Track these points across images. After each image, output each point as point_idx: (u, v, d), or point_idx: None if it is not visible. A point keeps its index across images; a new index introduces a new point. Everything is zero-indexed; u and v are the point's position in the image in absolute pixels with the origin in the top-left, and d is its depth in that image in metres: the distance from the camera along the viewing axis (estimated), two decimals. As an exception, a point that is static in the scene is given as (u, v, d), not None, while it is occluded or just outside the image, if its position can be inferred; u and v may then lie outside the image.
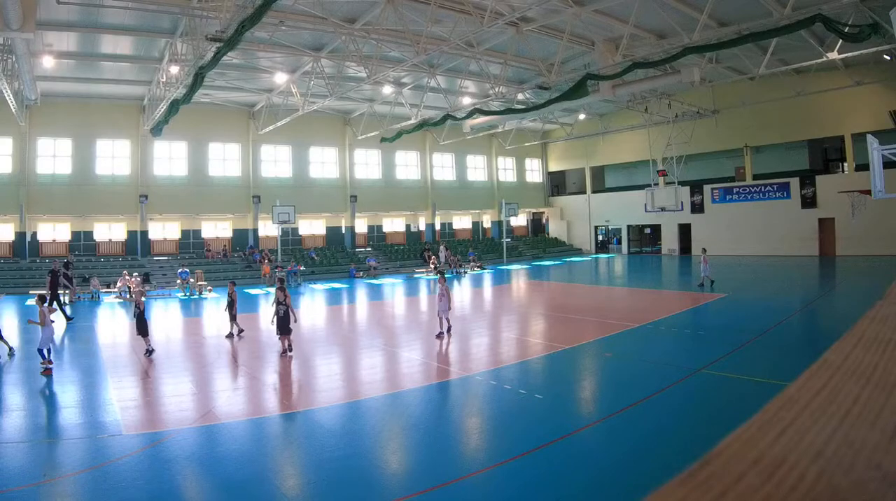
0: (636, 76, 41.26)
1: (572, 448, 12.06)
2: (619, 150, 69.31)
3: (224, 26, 26.49)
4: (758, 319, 25.50)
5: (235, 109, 55.13)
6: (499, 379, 17.31)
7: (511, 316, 30.17)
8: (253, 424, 14.18)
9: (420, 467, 11.55)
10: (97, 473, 11.04)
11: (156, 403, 16.04)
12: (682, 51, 32.39)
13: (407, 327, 28.85)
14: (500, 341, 24.30)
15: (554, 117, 65.26)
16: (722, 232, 59.83)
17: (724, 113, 56.02)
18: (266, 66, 43.30)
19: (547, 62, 41.49)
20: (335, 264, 56.65)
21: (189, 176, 54.25)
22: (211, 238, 56.89)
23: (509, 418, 14.18)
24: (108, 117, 49.83)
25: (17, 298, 38.98)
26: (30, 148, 47.41)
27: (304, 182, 59.84)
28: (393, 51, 38.44)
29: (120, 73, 43.06)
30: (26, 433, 13.41)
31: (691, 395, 15.31)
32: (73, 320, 30.57)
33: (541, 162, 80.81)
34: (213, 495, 10.59)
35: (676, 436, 12.28)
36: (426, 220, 69.32)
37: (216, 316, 31.62)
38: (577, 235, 77.27)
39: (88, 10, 30.86)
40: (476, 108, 47.35)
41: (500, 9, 30.34)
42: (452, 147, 68.61)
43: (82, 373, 19.20)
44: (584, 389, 17.24)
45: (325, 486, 10.57)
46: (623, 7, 32.43)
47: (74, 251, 49.24)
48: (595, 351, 20.57)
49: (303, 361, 20.84)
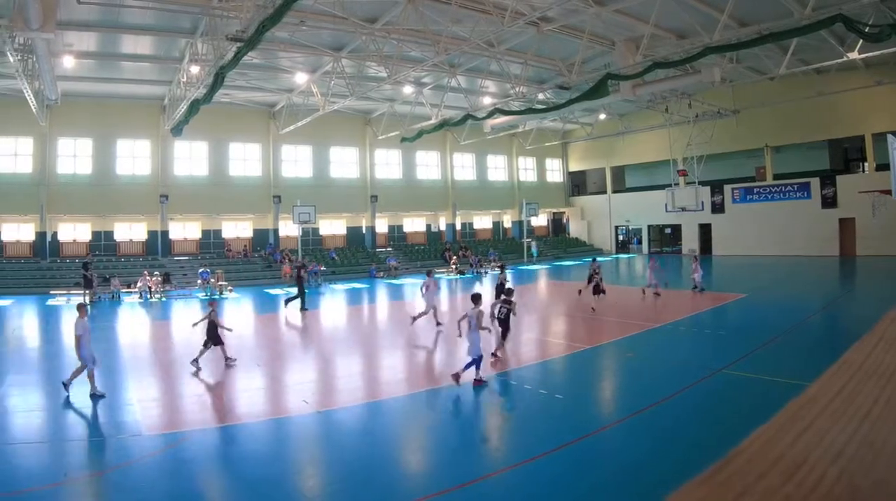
0: (656, 76, 41.13)
1: (593, 448, 12.08)
2: (639, 150, 69.05)
3: (244, 26, 26.47)
4: (778, 319, 25.53)
5: (256, 109, 55.21)
6: (519, 379, 17.36)
7: (531, 316, 29.92)
8: (273, 424, 14.23)
9: (440, 467, 11.59)
10: (118, 473, 11.11)
11: (176, 403, 16.09)
12: (702, 51, 32.19)
13: (427, 327, 28.80)
14: (520, 341, 24.12)
15: (574, 117, 64.95)
16: (742, 232, 59.63)
17: (745, 113, 55.67)
18: (286, 66, 43.33)
19: (567, 62, 41.37)
20: (356, 264, 56.72)
21: (209, 176, 54.39)
22: (231, 238, 57.07)
23: (530, 418, 14.22)
24: (128, 117, 49.99)
25: (38, 298, 39.09)
26: (50, 148, 47.64)
27: (324, 182, 59.86)
28: (413, 50, 38.36)
29: (140, 72, 43.15)
30: (47, 433, 13.48)
31: (712, 395, 15.29)
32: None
33: (561, 162, 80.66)
34: (233, 495, 10.62)
35: (697, 436, 12.27)
36: (447, 220, 69.26)
37: (235, 316, 31.69)
38: (598, 235, 77.06)
39: (109, 9, 30.96)
40: (496, 108, 47.30)
41: (520, 8, 30.20)
42: (473, 147, 68.40)
43: (103, 374, 19.23)
44: (604, 389, 17.32)
45: (345, 486, 10.58)
46: (643, 7, 32.24)
47: (95, 251, 49.45)
48: (616, 351, 20.53)
49: (323, 361, 20.88)
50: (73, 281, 41.68)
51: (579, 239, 77.63)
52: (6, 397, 16.07)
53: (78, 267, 41.04)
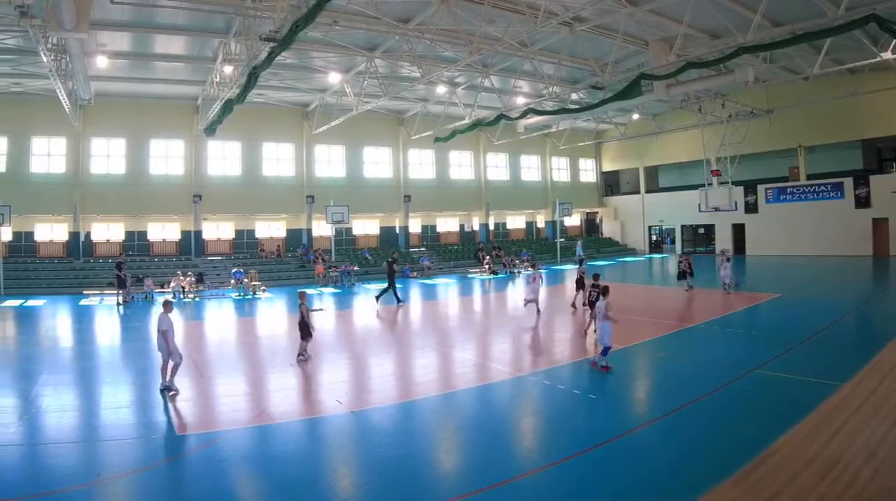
0: (690, 76, 40.89)
1: (626, 448, 12.01)
2: (672, 150, 68.74)
3: (278, 26, 26.50)
4: (811, 319, 25.44)
5: (289, 109, 55.34)
6: (552, 378, 17.33)
7: (564, 316, 30.01)
8: (306, 424, 14.25)
9: (473, 467, 11.54)
10: (151, 473, 11.12)
11: (209, 403, 16.15)
12: (735, 51, 32.06)
13: (461, 327, 28.82)
14: (553, 341, 24.29)
15: (608, 117, 64.64)
16: (776, 232, 59.27)
17: (778, 113, 55.10)
18: (320, 66, 43.37)
19: (601, 62, 41.21)
20: (389, 264, 56.28)
21: (243, 176, 54.61)
22: (265, 238, 57.24)
23: (563, 418, 14.24)
24: (161, 117, 50.30)
25: (71, 298, 39.33)
26: (83, 148, 47.99)
27: (357, 182, 59.92)
28: (446, 50, 38.27)
29: (173, 72, 43.39)
30: (81, 433, 13.51)
31: (745, 395, 15.13)
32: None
33: (594, 161, 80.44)
34: (266, 495, 10.62)
35: (730, 436, 12.18)
36: (480, 220, 69.17)
37: (269, 316, 31.79)
38: (631, 235, 76.83)
39: (142, 9, 31.14)
40: (530, 108, 47.27)
41: (553, 9, 30.12)
42: (506, 147, 68.18)
43: (136, 373, 19.32)
44: (637, 389, 17.23)
45: (379, 486, 10.56)
46: (677, 7, 32.08)
47: (128, 251, 49.74)
48: (649, 351, 20.45)
49: (356, 361, 20.87)
50: (106, 281, 41.96)
51: (612, 239, 77.34)
52: (40, 396, 16.10)
53: (111, 268, 41.13)
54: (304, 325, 20.24)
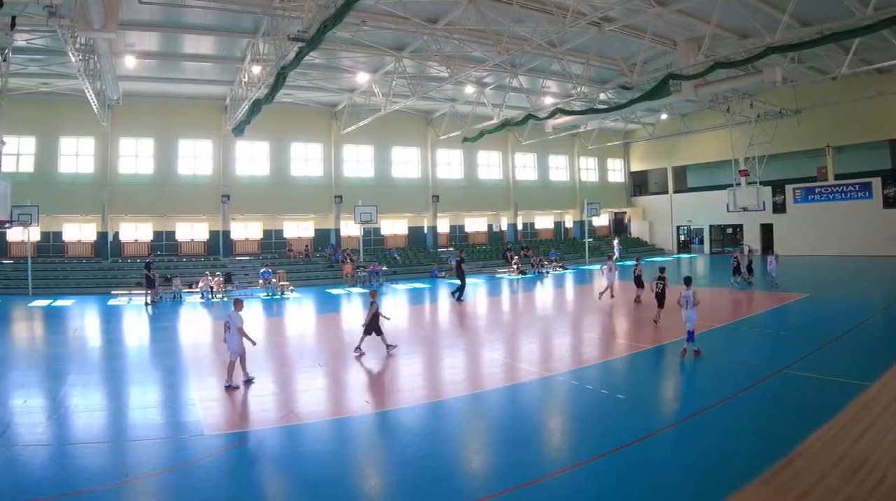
0: (718, 76, 40.71)
1: (655, 448, 12.02)
2: (701, 150, 68.39)
3: (306, 26, 26.52)
4: (840, 319, 25.39)
5: (317, 109, 55.39)
6: (581, 378, 17.30)
7: (593, 315, 30.13)
8: (334, 424, 14.23)
9: (502, 467, 11.52)
10: (179, 473, 11.12)
11: (238, 403, 16.11)
12: (764, 51, 31.91)
13: (489, 327, 28.79)
14: (581, 341, 24.34)
15: (636, 117, 64.65)
16: (804, 232, 58.93)
17: (806, 112, 55.01)
18: (348, 66, 43.34)
19: (629, 62, 41.01)
20: (417, 264, 56.71)
21: (271, 176, 54.76)
22: (293, 238, 57.29)
23: (591, 418, 14.19)
24: (189, 117, 50.55)
25: (99, 298, 39.50)
26: (112, 148, 48.30)
27: (385, 182, 59.94)
28: (475, 50, 38.16)
29: (202, 72, 43.59)
30: (109, 433, 13.51)
31: (773, 395, 15.22)
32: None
33: (623, 161, 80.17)
34: (294, 495, 10.65)
35: (759, 436, 12.18)
36: (508, 220, 69.05)
37: (298, 317, 31.83)
38: (659, 235, 76.58)
39: (170, 9, 31.28)
40: (558, 108, 47.05)
41: (582, 9, 29.95)
42: (534, 147, 68.13)
43: (165, 373, 19.38)
44: (666, 389, 17.27)
45: (406, 486, 10.58)
46: (705, 7, 31.86)
47: (156, 251, 49.87)
48: (677, 351, 20.29)
49: (384, 361, 20.86)
50: (134, 281, 42.17)
51: (641, 239, 77.07)
52: (68, 397, 16.16)
53: (139, 268, 41.45)
54: (374, 322, 21.09)
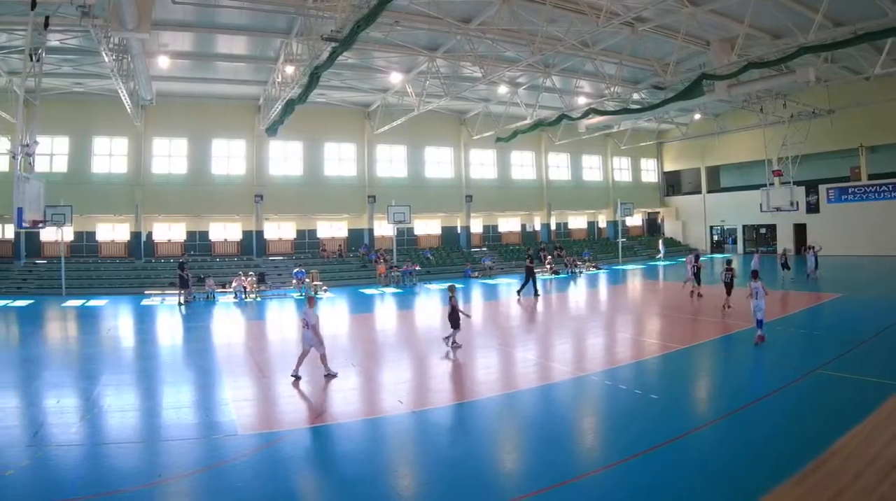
0: (751, 76, 40.70)
1: (688, 449, 11.97)
2: (734, 150, 68.18)
3: (339, 26, 26.56)
4: (874, 319, 25.21)
5: (350, 109, 55.40)
6: (614, 378, 17.26)
7: (626, 316, 30.23)
8: (367, 424, 14.19)
9: (535, 466, 11.53)
10: (212, 473, 11.14)
11: (271, 403, 16.18)
12: (797, 50, 31.85)
13: (523, 327, 28.74)
14: (615, 341, 24.27)
15: (669, 117, 64.63)
16: (837, 232, 58.34)
17: (839, 112, 54.97)
18: (381, 66, 43.31)
19: (662, 62, 40.85)
20: (450, 264, 56.73)
21: (304, 176, 54.90)
22: (326, 238, 57.45)
23: (625, 418, 14.13)
24: (223, 117, 50.78)
25: (132, 298, 39.72)
26: (145, 148, 48.60)
27: (419, 182, 59.98)
28: (508, 50, 38.09)
29: (235, 72, 43.72)
30: (142, 433, 13.55)
31: (806, 395, 15.13)
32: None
33: (656, 162, 79.87)
34: (327, 494, 10.67)
35: (792, 437, 12.13)
36: (541, 220, 68.94)
37: (331, 317, 31.85)
38: (693, 235, 76.27)
39: (204, 10, 31.37)
40: (591, 108, 46.97)
41: (615, 9, 29.81)
42: (568, 147, 68.08)
43: (198, 373, 19.44)
44: (699, 389, 17.22)
45: (439, 486, 10.57)
46: (738, 7, 31.67)
47: (190, 251, 50.20)
48: (710, 351, 20.41)
49: (418, 361, 20.86)
50: (167, 281, 42.39)
51: (674, 238, 76.72)
52: (101, 396, 16.21)
53: (172, 268, 41.72)
54: (455, 316, 21.87)
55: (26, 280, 42.89)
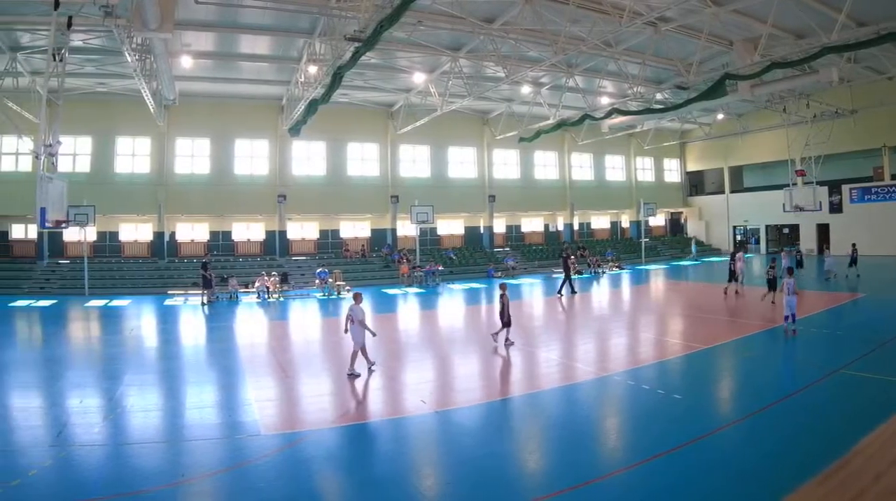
0: (774, 76, 40.55)
1: (711, 449, 11.99)
2: (757, 150, 67.95)
3: (363, 26, 26.61)
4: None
5: (373, 109, 55.44)
6: (637, 378, 17.25)
7: (649, 316, 30.23)
8: (390, 424, 14.23)
9: (558, 466, 11.56)
10: (235, 473, 11.15)
11: (294, 403, 16.24)
12: (820, 50, 31.72)
13: (546, 327, 28.74)
14: (638, 341, 24.20)
15: (692, 117, 64.61)
16: (860, 232, 57.46)
17: (863, 112, 54.81)
18: (404, 66, 43.33)
19: (685, 62, 40.71)
20: (473, 264, 56.75)
21: (327, 176, 55.00)
22: (349, 238, 57.55)
23: (648, 418, 14.12)
24: (246, 117, 50.91)
25: (155, 298, 39.84)
26: (168, 148, 48.84)
27: (442, 182, 60.00)
28: (531, 50, 38.09)
29: (258, 72, 43.84)
30: (165, 433, 13.57)
31: (830, 395, 15.13)
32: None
33: (679, 161, 79.63)
34: (350, 494, 10.66)
35: (815, 437, 12.14)
36: (564, 220, 68.88)
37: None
38: (716, 235, 76.10)
39: (227, 9, 31.44)
40: (614, 108, 46.88)
41: (638, 9, 29.74)
42: (591, 147, 68.03)
43: (221, 373, 19.48)
44: (722, 389, 17.20)
45: (463, 486, 10.55)
46: (761, 7, 31.54)
47: (213, 251, 50.35)
48: (733, 352, 20.37)
49: (441, 361, 20.88)
50: (190, 281, 42.57)
51: (697, 238, 76.27)
52: (125, 396, 16.25)
53: (195, 268, 41.90)
54: (504, 314, 22.08)
55: (49, 280, 43.09)
